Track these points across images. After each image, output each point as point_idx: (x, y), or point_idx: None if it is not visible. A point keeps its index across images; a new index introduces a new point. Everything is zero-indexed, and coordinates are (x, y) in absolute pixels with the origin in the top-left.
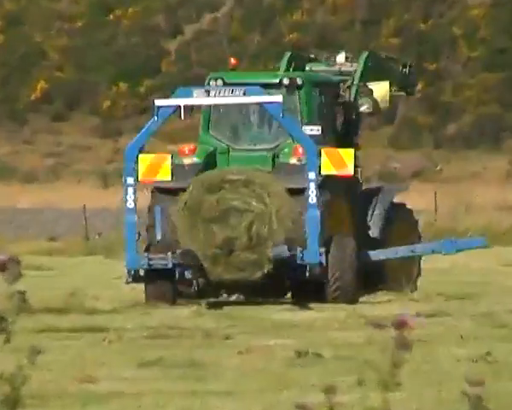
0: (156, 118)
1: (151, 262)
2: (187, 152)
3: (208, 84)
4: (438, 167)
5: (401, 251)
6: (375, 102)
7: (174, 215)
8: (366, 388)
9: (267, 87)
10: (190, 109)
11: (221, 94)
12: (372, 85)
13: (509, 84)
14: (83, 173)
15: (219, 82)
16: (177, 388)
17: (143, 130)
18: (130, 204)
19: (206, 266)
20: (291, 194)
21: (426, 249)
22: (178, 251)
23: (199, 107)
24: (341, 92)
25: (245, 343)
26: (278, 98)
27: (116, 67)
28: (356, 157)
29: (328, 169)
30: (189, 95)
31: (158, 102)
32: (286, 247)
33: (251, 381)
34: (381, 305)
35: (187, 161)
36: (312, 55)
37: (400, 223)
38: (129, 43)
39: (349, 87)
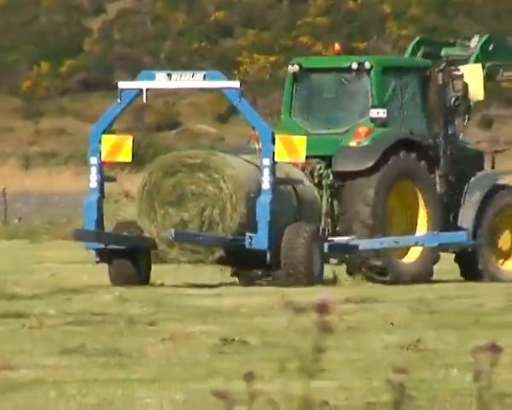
0: (119, 100)
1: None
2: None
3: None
4: None
5: (386, 242)
6: (464, 85)
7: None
8: (289, 375)
9: (340, 71)
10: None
11: (182, 78)
12: (464, 69)
13: None
14: (3, 155)
15: (296, 67)
16: (99, 376)
17: (107, 112)
18: (93, 184)
19: (162, 249)
20: (347, 177)
21: (409, 241)
22: (128, 233)
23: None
24: (432, 76)
25: (169, 330)
26: (235, 84)
27: (37, 46)
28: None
29: (281, 156)
30: (152, 78)
31: (121, 85)
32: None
33: (175, 369)
34: (310, 291)
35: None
36: (451, 41)
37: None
38: (51, 21)
39: (441, 71)
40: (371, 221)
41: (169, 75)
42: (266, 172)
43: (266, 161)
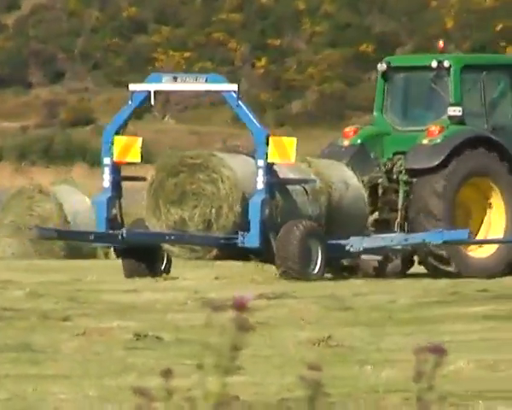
0: (130, 102)
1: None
2: (351, 134)
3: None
4: None
5: (396, 239)
6: None
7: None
8: (205, 371)
9: (423, 70)
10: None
11: (186, 80)
12: None
13: (352, 60)
14: None
15: (384, 66)
16: (9, 371)
17: (118, 113)
18: (106, 183)
19: (166, 247)
20: (417, 173)
21: (417, 238)
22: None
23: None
24: None
25: (83, 326)
26: (233, 87)
27: None
28: None
29: (273, 157)
30: (159, 80)
31: (132, 87)
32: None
33: (89, 365)
34: (224, 286)
35: (346, 142)
36: None
37: None
38: None
39: None
40: (439, 214)
41: (175, 78)
42: (260, 172)
43: (260, 162)
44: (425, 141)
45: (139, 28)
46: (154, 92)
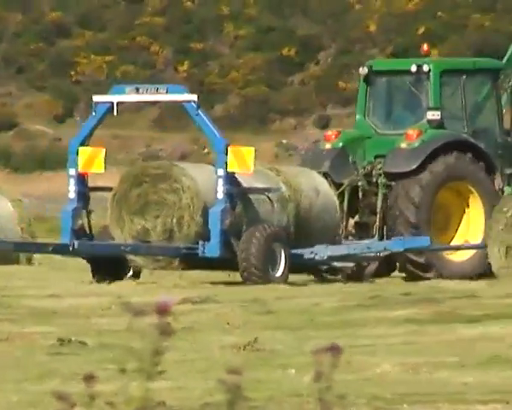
0: (94, 113)
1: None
2: (332, 137)
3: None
4: (205, 150)
5: (358, 247)
6: None
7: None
8: (128, 376)
9: (403, 74)
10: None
11: (148, 92)
12: None
13: (275, 64)
14: None
15: (365, 70)
16: None
17: (83, 125)
18: (72, 194)
19: (129, 257)
20: (395, 177)
21: (379, 246)
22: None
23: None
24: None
25: (6, 331)
26: (193, 97)
27: None
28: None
29: (232, 167)
30: (122, 92)
31: (95, 98)
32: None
33: (10, 371)
34: (147, 291)
35: (327, 145)
36: None
37: None
38: None
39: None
40: (415, 220)
41: (137, 89)
42: (220, 182)
43: (220, 172)
44: (403, 145)
45: (62, 32)
46: (117, 103)
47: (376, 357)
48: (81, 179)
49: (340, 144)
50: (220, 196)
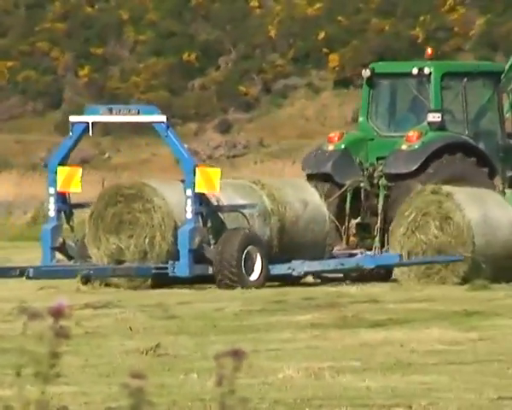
0: (71, 133)
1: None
2: (335, 139)
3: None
4: (106, 155)
5: (333, 263)
6: None
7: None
8: (25, 380)
9: (405, 77)
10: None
11: (121, 112)
12: None
13: (177, 69)
14: None
15: (368, 72)
16: None
17: (61, 144)
18: (52, 213)
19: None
20: (395, 179)
21: (351, 263)
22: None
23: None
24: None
25: None
26: (162, 118)
27: None
28: None
29: (200, 188)
30: (97, 112)
31: (72, 119)
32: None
33: None
34: (49, 296)
35: (330, 147)
36: None
37: None
38: None
39: None
40: None
41: (110, 110)
42: (189, 202)
43: (189, 192)
44: (403, 146)
45: None
46: (92, 123)
47: (280, 362)
48: (60, 198)
49: (343, 146)
50: (189, 215)
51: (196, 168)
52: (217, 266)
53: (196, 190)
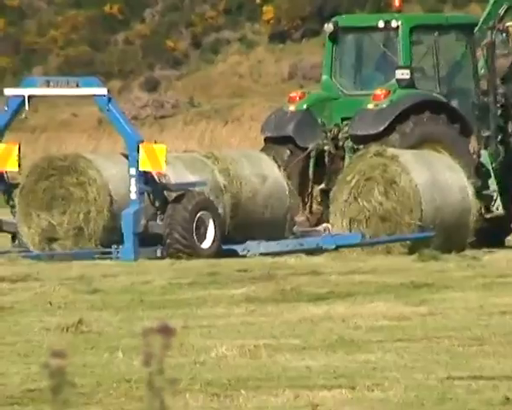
0: (6, 108)
1: None
2: (297, 99)
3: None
4: (22, 115)
5: (291, 244)
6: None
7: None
8: None
9: (370, 30)
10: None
11: (59, 84)
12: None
13: (99, 22)
14: None
15: (330, 27)
16: None
17: None
18: None
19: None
20: (362, 140)
21: (312, 243)
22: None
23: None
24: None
25: None
26: (103, 91)
27: None
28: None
29: (145, 165)
30: (34, 85)
31: (7, 92)
32: None
33: None
34: None
35: (291, 107)
36: None
37: None
38: None
39: (490, 29)
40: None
41: (47, 82)
42: (133, 181)
43: (133, 171)
44: (370, 106)
45: None
46: (29, 97)
47: (212, 339)
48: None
49: (305, 106)
50: (133, 196)
51: (140, 145)
52: (166, 231)
53: (140, 169)
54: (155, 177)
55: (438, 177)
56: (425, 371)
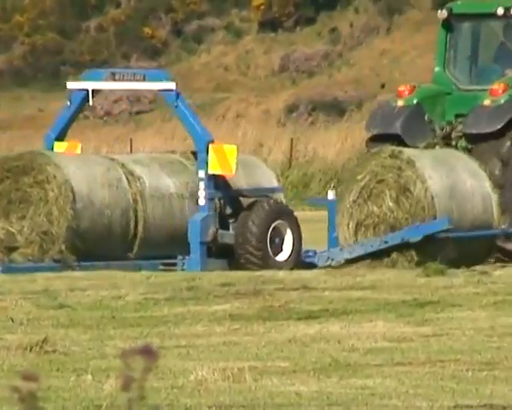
0: (69, 103)
1: None
2: (406, 93)
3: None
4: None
5: (375, 244)
6: None
7: None
8: None
9: (488, 18)
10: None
11: (124, 78)
12: None
13: (69, 6)
14: None
15: (444, 13)
16: None
17: (58, 116)
18: None
19: None
20: (476, 139)
21: (396, 238)
22: None
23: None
24: None
25: None
26: (172, 85)
27: None
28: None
29: (214, 168)
30: (99, 78)
31: (70, 85)
32: None
33: None
34: None
35: (400, 102)
36: None
37: None
38: None
39: None
40: (503, 184)
41: (113, 74)
42: (202, 185)
43: (201, 174)
44: (487, 102)
45: None
46: (92, 91)
47: (191, 361)
48: None
49: (415, 101)
50: (202, 202)
51: (210, 145)
52: (238, 246)
53: (209, 171)
54: (227, 181)
55: (457, 185)
56: (429, 398)
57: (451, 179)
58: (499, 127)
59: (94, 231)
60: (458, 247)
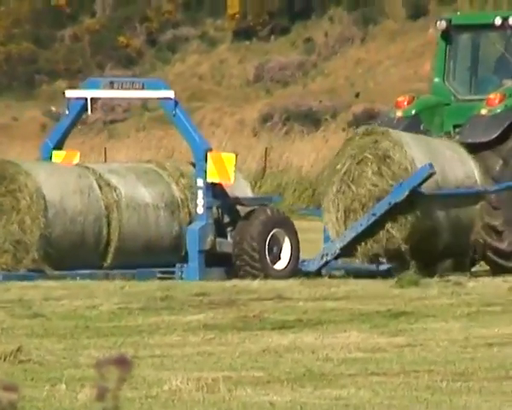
0: (67, 111)
1: None
2: (405, 104)
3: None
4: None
5: (364, 221)
6: None
7: None
8: None
9: (486, 29)
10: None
11: (123, 86)
12: None
13: (44, 15)
14: None
15: (443, 24)
16: None
17: (56, 125)
18: None
19: None
20: (473, 149)
21: (382, 206)
22: None
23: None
24: None
25: None
26: (170, 94)
27: None
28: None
29: (213, 176)
30: (97, 86)
31: (68, 94)
32: None
33: None
34: None
35: (399, 113)
36: None
37: None
38: None
39: None
40: (495, 200)
41: (111, 83)
42: (200, 194)
43: (200, 182)
44: (483, 111)
45: None
46: (91, 99)
47: (165, 371)
48: None
49: (414, 112)
50: (200, 210)
51: (208, 154)
52: (236, 255)
53: (208, 180)
54: (225, 189)
55: (437, 153)
56: (403, 409)
57: (431, 148)
58: (495, 136)
59: (67, 239)
60: (443, 207)
